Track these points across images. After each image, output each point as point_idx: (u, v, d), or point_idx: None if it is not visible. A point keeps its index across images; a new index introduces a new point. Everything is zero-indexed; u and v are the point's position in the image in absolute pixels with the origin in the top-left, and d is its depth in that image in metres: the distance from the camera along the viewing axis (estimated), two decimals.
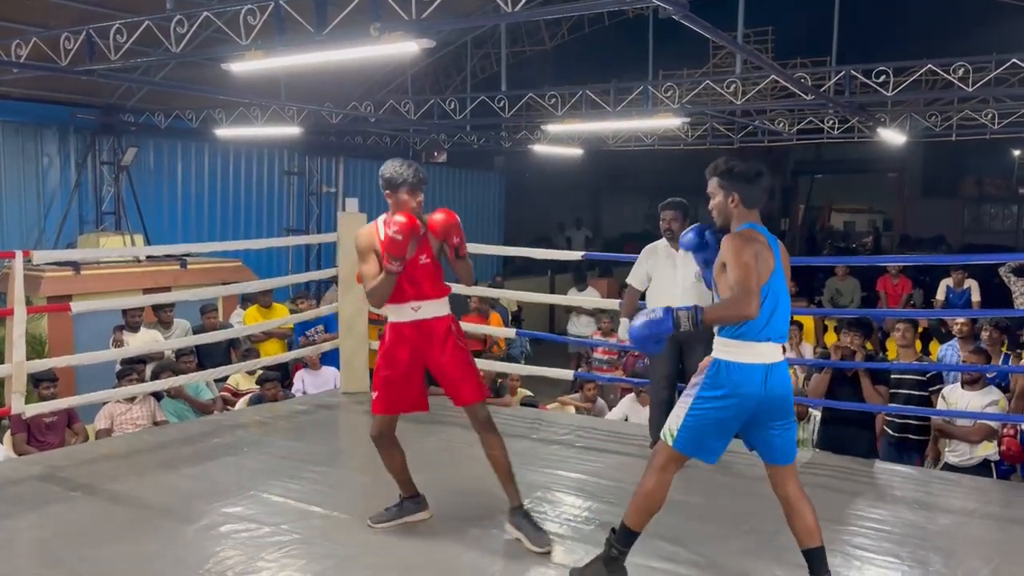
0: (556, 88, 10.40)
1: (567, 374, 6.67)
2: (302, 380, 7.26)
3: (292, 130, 11.21)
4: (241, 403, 7.07)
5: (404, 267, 3.48)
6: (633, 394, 6.20)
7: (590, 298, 10.34)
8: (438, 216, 3.55)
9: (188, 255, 9.89)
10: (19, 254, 4.73)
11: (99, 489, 4.32)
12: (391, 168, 3.58)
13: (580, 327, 10.71)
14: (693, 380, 3.05)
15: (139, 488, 4.31)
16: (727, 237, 3.00)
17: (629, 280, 4.97)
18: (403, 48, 4.88)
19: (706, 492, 4.37)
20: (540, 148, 14.16)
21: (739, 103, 9.14)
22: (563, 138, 13.86)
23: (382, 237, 3.55)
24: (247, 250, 10.69)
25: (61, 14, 8.41)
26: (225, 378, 7.23)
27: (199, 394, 6.83)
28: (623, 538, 3.15)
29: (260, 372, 7.12)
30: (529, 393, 7.52)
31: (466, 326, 7.91)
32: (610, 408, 7.13)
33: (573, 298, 9.75)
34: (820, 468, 4.84)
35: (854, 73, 8.58)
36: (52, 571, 3.35)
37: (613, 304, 6.64)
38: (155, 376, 6.49)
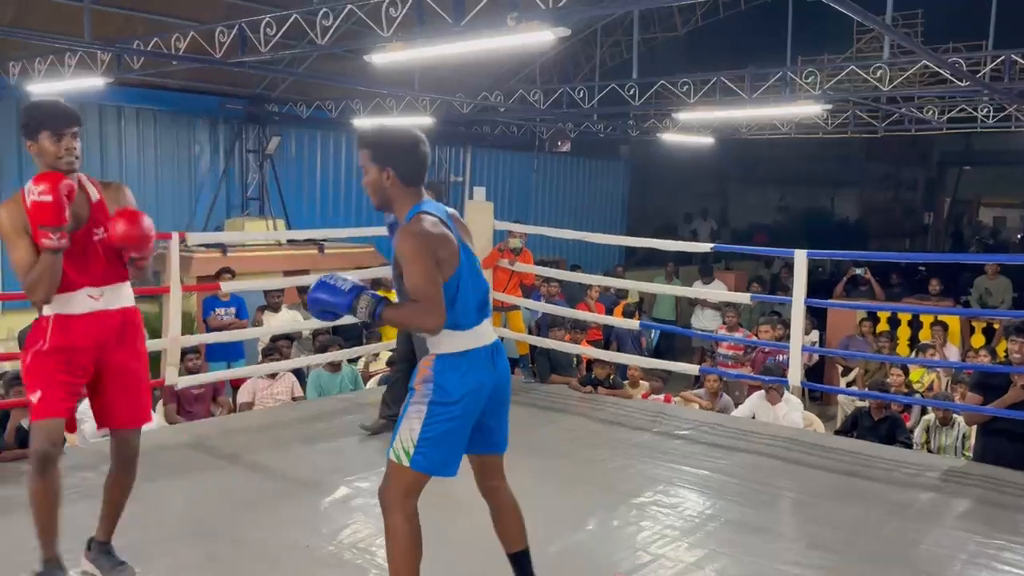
0: (689, 75, 10.17)
1: (692, 368, 6.54)
2: None
3: (424, 120, 11.48)
4: (372, 383, 7.33)
5: (69, 241, 2.71)
6: (763, 391, 6.02)
7: (716, 291, 10.10)
8: (118, 223, 2.82)
9: (326, 240, 10.33)
10: (175, 236, 5.06)
11: (242, 459, 4.58)
12: (25, 109, 2.87)
13: (705, 321, 10.49)
14: (418, 387, 2.58)
15: (278, 460, 4.55)
16: (402, 232, 2.52)
17: None
18: (539, 37, 4.90)
19: (832, 495, 4.21)
20: (669, 137, 13.92)
21: (886, 89, 8.67)
22: (693, 126, 13.56)
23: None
24: (380, 236, 11.02)
25: (214, 9, 8.93)
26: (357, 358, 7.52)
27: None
28: None
29: (391, 353, 7.35)
30: (645, 385, 7.40)
31: (583, 314, 7.95)
32: (736, 406, 6.94)
33: (698, 290, 9.56)
34: (971, 478, 4.56)
35: (1015, 57, 7.98)
36: (196, 533, 3.57)
37: (744, 298, 6.46)
38: (322, 349, 6.81)
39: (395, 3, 5.44)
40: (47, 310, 2.82)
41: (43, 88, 8.59)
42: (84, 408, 5.60)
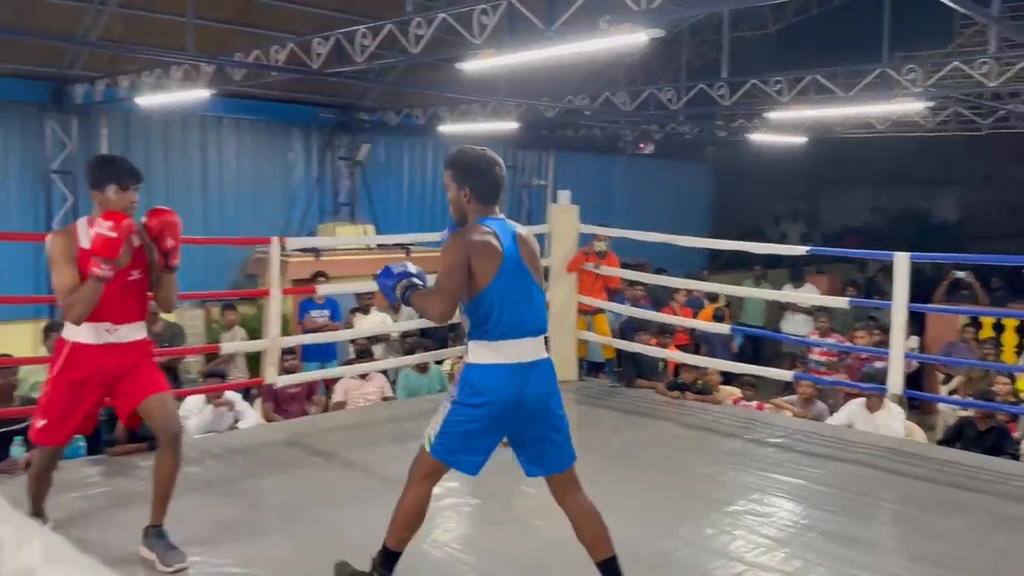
0: (782, 73, 9.93)
1: (785, 375, 6.39)
2: None
3: (510, 125, 11.55)
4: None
5: (114, 275, 3.09)
6: (862, 399, 5.82)
7: (810, 295, 9.83)
8: (153, 216, 3.24)
9: (413, 244, 10.52)
10: (276, 241, 5.24)
11: (336, 456, 4.71)
12: (95, 163, 3.29)
13: (795, 326, 10.21)
14: (450, 386, 2.88)
15: (371, 457, 4.66)
16: (450, 235, 2.85)
17: None
18: (632, 39, 4.87)
19: (935, 507, 4.05)
20: (757, 137, 13.61)
21: (993, 85, 8.28)
22: (784, 126, 13.23)
23: (83, 243, 3.12)
24: None
25: (311, 21, 9.20)
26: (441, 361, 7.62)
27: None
28: (385, 560, 2.92)
29: None
30: (737, 393, 7.25)
31: (667, 318, 7.83)
32: (830, 413, 6.72)
33: (792, 294, 9.32)
34: None
35: None
36: (293, 527, 3.69)
37: (841, 302, 6.27)
38: (410, 351, 6.96)
39: (487, 10, 5.49)
40: (68, 336, 3.20)
41: (151, 100, 9.01)
42: (188, 405, 5.85)
